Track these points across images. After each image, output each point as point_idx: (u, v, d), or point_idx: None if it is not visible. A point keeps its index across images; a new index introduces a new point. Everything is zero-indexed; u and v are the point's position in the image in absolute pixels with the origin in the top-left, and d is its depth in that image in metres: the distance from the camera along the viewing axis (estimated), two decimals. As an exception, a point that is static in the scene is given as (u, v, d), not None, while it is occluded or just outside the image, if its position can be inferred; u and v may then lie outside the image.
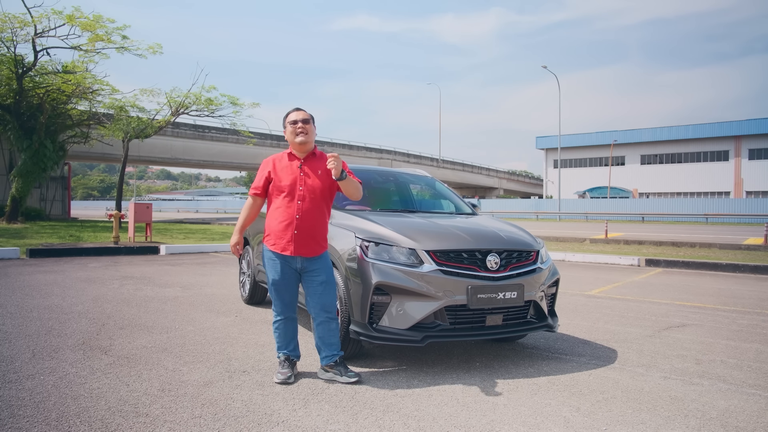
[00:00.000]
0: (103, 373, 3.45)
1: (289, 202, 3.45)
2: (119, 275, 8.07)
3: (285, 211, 3.45)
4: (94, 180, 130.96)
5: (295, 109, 3.60)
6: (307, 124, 3.52)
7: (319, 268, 3.49)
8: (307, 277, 3.49)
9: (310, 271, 3.49)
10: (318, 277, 3.48)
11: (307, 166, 3.53)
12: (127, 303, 5.90)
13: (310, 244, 3.46)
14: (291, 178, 3.48)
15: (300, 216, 3.44)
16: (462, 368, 3.76)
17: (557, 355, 4.17)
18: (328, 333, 3.50)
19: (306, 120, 3.53)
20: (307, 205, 3.46)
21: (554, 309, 4.21)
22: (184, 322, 5.01)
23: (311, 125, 3.54)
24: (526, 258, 3.92)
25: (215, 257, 11.31)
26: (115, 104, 21.36)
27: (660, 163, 53.44)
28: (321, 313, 3.48)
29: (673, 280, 8.65)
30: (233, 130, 26.50)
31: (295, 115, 3.55)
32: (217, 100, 22.92)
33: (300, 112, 3.57)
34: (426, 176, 5.75)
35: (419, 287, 3.50)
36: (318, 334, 3.53)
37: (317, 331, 3.52)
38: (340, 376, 3.40)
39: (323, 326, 3.50)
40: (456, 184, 66.91)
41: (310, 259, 3.47)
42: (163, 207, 73.64)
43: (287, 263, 3.48)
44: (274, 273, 3.49)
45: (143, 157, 39.07)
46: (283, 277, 3.48)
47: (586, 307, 6.22)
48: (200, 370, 3.58)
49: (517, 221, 30.13)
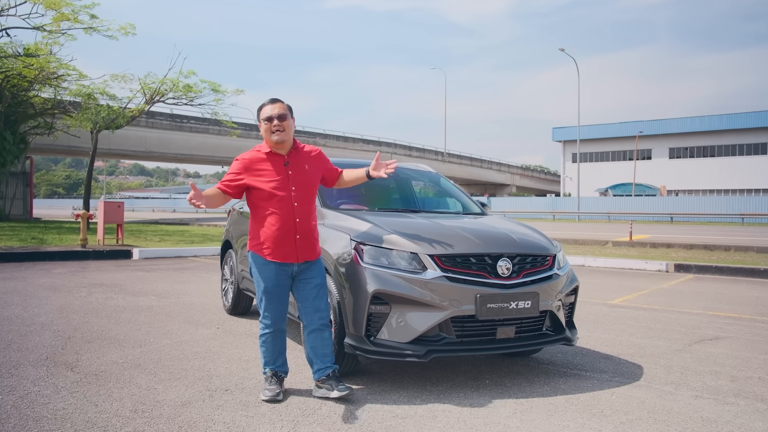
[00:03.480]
0: (69, 392, 3.45)
1: (283, 206, 3.45)
2: (87, 282, 8.06)
3: (281, 216, 3.45)
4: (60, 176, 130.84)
5: (270, 102, 3.56)
6: (284, 120, 3.49)
7: (315, 269, 3.56)
8: (302, 281, 3.53)
9: (306, 274, 3.53)
10: (314, 279, 3.54)
11: (294, 163, 3.54)
12: (95, 313, 5.89)
13: (312, 247, 3.54)
14: (279, 179, 3.47)
15: (300, 219, 3.46)
16: (470, 386, 3.76)
17: (576, 371, 4.16)
18: (321, 343, 3.51)
19: (282, 116, 3.50)
20: (304, 206, 3.50)
21: (573, 320, 4.21)
22: (159, 335, 5.01)
23: (289, 120, 3.53)
24: (542, 263, 3.92)
25: (194, 262, 11.30)
26: (82, 91, 21.35)
27: (691, 157, 53.52)
28: (314, 319, 3.50)
29: (705, 288, 8.66)
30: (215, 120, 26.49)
31: (270, 110, 3.52)
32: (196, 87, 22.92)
33: (276, 106, 3.53)
34: (430, 172, 5.74)
35: (422, 296, 3.50)
36: (309, 344, 3.53)
37: (308, 340, 3.53)
38: (331, 391, 3.40)
39: (315, 335, 3.51)
40: (463, 180, 66.94)
41: (307, 261, 3.51)
42: (136, 206, 73.59)
43: (283, 269, 3.49)
44: (267, 280, 3.48)
45: (114, 150, 39.04)
46: (278, 284, 3.49)
47: (609, 317, 6.22)
48: (177, 388, 3.57)
49: (531, 222, 30.15)
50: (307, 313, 3.53)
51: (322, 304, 3.54)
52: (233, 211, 6.30)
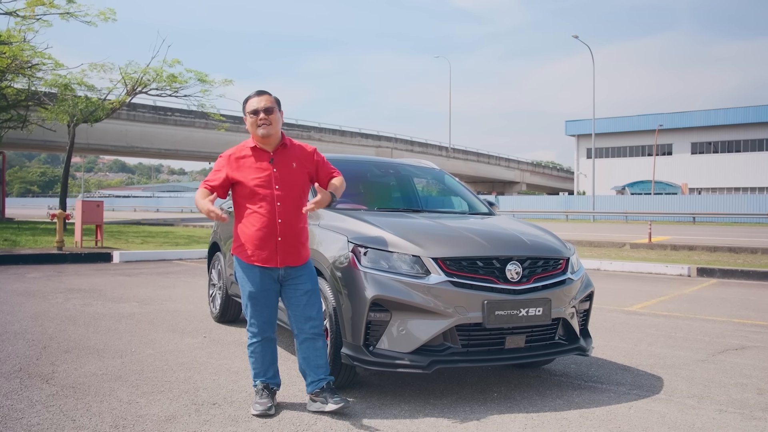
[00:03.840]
0: (44, 406, 3.45)
1: (265, 205, 3.46)
2: (64, 287, 8.07)
3: (262, 216, 3.46)
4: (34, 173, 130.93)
5: (256, 94, 3.56)
6: (270, 113, 3.50)
7: (304, 274, 3.55)
8: (290, 286, 3.53)
9: (294, 279, 3.53)
10: (303, 285, 3.53)
11: (280, 160, 3.54)
12: (73, 321, 5.89)
13: (297, 251, 3.53)
14: (263, 176, 3.48)
15: (282, 220, 3.46)
16: (477, 400, 3.76)
17: (591, 383, 4.17)
18: (314, 353, 3.52)
19: (269, 109, 3.50)
20: (288, 207, 3.49)
21: (587, 328, 4.22)
22: (141, 345, 5.01)
23: (276, 114, 3.53)
24: (554, 267, 3.92)
25: (180, 266, 11.30)
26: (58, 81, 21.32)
27: (714, 153, 53.54)
28: (305, 328, 3.51)
29: (730, 294, 8.66)
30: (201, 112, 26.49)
31: (256, 103, 3.52)
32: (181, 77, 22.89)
33: (262, 98, 3.53)
34: (433, 168, 5.75)
35: (425, 302, 3.50)
36: (302, 354, 3.54)
37: (301, 351, 3.54)
38: (326, 404, 3.40)
39: (308, 345, 3.52)
40: (469, 177, 66.98)
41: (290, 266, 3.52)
42: (116, 205, 73.66)
43: (267, 272, 3.50)
44: (251, 284, 3.49)
45: (93, 145, 39.07)
46: (263, 288, 3.49)
47: (626, 325, 6.23)
48: (161, 402, 3.57)
49: (542, 222, 30.18)
50: (297, 321, 3.54)
51: (314, 311, 3.54)
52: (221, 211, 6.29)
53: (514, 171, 74.90)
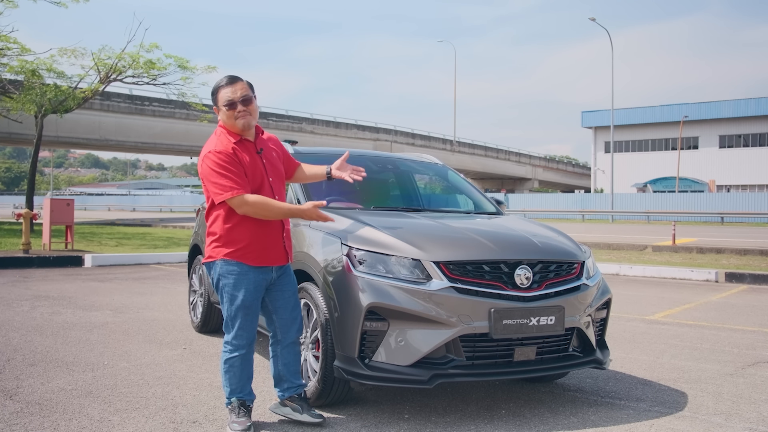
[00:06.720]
0: (7, 425, 3.44)
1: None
2: (30, 294, 8.06)
3: None
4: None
5: (228, 83, 3.47)
6: (249, 104, 3.45)
7: (290, 274, 3.72)
8: (278, 290, 3.62)
9: (282, 281, 3.63)
10: (290, 285, 3.68)
11: (264, 150, 3.61)
12: (40, 331, 5.89)
13: (292, 246, 3.76)
14: (259, 168, 3.51)
15: None
16: (483, 417, 3.76)
17: (608, 399, 4.17)
18: (294, 358, 3.67)
19: (247, 99, 3.45)
20: (282, 198, 3.63)
21: (604, 339, 4.22)
22: (115, 357, 5.01)
23: (254, 102, 3.51)
24: (568, 272, 3.93)
25: (158, 270, 11.29)
26: (25, 68, 21.29)
27: (745, 147, 53.61)
28: (292, 331, 3.64)
29: (762, 301, 8.67)
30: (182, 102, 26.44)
31: (231, 93, 3.43)
32: (160, 63, 22.86)
33: (237, 86, 3.45)
34: (436, 164, 5.76)
35: (426, 310, 3.50)
36: (283, 360, 3.62)
37: (283, 356, 3.63)
38: (300, 414, 3.50)
39: (290, 349, 3.64)
40: (476, 173, 67.03)
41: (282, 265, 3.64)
42: (89, 204, 73.65)
43: (263, 276, 3.52)
44: (246, 292, 3.46)
45: (63, 138, 39.01)
46: (257, 296, 3.54)
47: (647, 336, 6.23)
48: (136, 420, 3.57)
49: (556, 223, 30.21)
50: (284, 325, 3.61)
51: (298, 312, 3.69)
52: (202, 210, 6.29)
53: (525, 166, 74.95)
